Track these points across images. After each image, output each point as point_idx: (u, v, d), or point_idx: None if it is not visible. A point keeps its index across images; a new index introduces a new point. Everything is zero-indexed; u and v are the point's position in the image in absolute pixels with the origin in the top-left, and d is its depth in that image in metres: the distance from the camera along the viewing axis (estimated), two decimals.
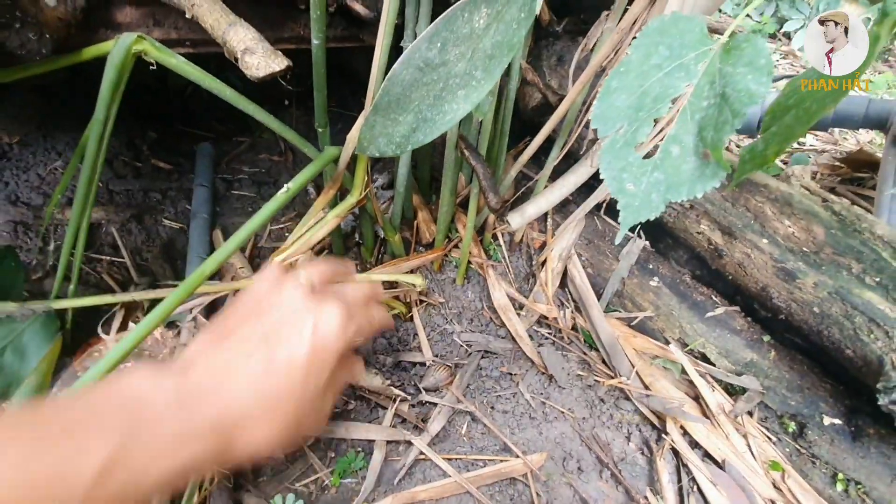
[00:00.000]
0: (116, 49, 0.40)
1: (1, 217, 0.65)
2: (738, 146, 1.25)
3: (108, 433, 0.22)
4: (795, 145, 1.39)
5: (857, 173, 1.22)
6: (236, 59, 0.37)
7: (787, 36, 2.33)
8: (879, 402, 0.49)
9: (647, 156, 0.29)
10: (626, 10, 0.49)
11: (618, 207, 0.30)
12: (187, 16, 0.41)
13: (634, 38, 0.36)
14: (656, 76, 0.29)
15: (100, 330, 0.49)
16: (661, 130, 0.29)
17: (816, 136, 1.48)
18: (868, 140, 1.42)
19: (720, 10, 2.13)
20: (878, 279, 0.54)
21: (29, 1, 0.39)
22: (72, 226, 0.48)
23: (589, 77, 0.51)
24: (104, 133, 0.43)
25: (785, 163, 1.28)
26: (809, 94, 0.32)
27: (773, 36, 2.37)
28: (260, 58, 0.34)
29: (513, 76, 0.57)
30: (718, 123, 0.27)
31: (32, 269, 0.60)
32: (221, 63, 0.51)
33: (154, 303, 0.58)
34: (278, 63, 0.34)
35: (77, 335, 0.54)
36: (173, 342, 0.49)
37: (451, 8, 0.36)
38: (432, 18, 0.51)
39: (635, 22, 0.45)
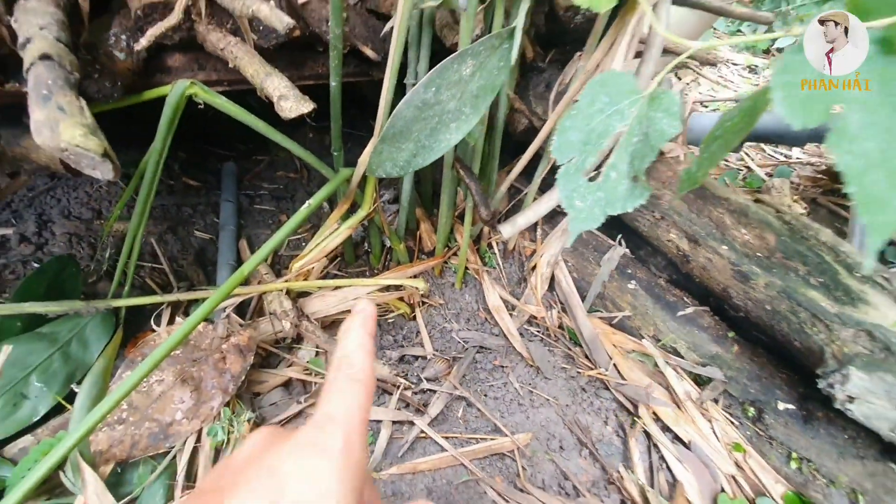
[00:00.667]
0: (173, 92, 0.50)
1: (58, 229, 0.75)
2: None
3: None
4: (782, 158, 1.46)
5: (836, 184, 1.30)
6: (271, 102, 0.46)
7: (780, 51, 2.41)
8: (819, 386, 0.57)
9: (592, 179, 0.38)
10: (599, 42, 0.58)
11: (569, 219, 0.38)
12: (230, 65, 0.51)
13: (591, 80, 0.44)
14: (599, 118, 0.38)
15: (153, 323, 0.58)
16: (603, 160, 0.37)
17: (803, 150, 1.55)
18: None
19: (714, 28, 2.22)
20: (821, 280, 0.61)
21: (105, 56, 0.49)
22: (129, 237, 0.57)
23: (565, 106, 0.60)
24: (160, 159, 0.53)
25: (770, 175, 1.36)
26: (729, 128, 0.41)
27: (766, 51, 2.45)
28: (292, 102, 0.43)
29: (501, 106, 0.66)
30: (643, 155, 0.36)
31: (87, 274, 0.70)
32: (243, 93, 0.60)
33: (192, 302, 0.67)
34: (306, 106, 0.43)
35: (127, 330, 0.63)
36: (212, 334, 0.58)
37: (444, 61, 0.45)
38: (430, 60, 0.60)
39: (597, 66, 0.54)
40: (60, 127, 0.27)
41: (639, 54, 0.55)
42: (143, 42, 0.48)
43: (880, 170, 0.28)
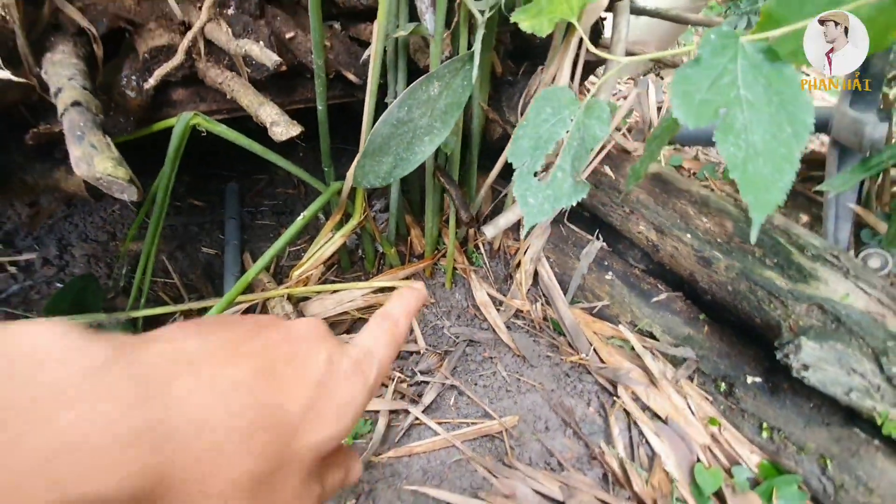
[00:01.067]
0: (179, 123, 0.56)
1: (77, 252, 0.82)
2: (704, 154, 1.39)
3: None
4: None
5: (812, 172, 1.35)
6: (265, 127, 0.52)
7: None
8: (777, 357, 0.62)
9: (542, 179, 0.44)
10: (554, 58, 0.64)
11: (524, 214, 0.44)
12: (228, 97, 0.57)
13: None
14: (545, 126, 0.44)
15: None
16: (549, 163, 0.43)
17: None
18: (822, 142, 1.54)
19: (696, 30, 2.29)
20: (775, 260, 0.67)
21: (119, 95, 0.55)
22: (143, 255, 0.64)
23: None
24: (169, 184, 0.59)
25: None
26: (664, 130, 0.47)
27: None
28: (282, 127, 0.49)
29: (475, 118, 0.72)
30: (581, 157, 0.41)
31: (105, 290, 0.76)
32: (241, 119, 0.67)
33: (202, 310, 0.73)
34: (294, 130, 0.49)
35: None
36: None
37: (414, 83, 0.52)
38: (407, 80, 0.67)
39: (553, 79, 0.60)
40: (95, 161, 0.33)
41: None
42: (152, 81, 0.55)
43: (765, 157, 0.34)
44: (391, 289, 0.82)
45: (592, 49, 0.43)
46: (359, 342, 0.23)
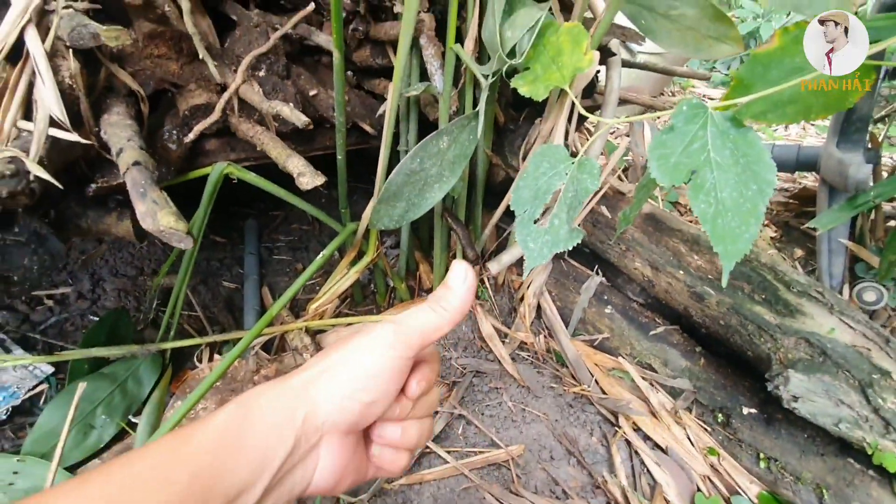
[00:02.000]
0: (214, 172, 0.63)
1: (108, 286, 0.87)
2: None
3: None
4: None
5: (805, 208, 1.39)
6: (292, 176, 0.58)
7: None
8: (769, 389, 0.65)
9: (541, 226, 0.49)
10: (552, 114, 0.71)
11: (525, 257, 0.49)
12: (258, 148, 0.64)
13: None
14: (543, 179, 0.49)
15: (196, 361, 0.68)
16: (546, 210, 0.49)
17: (777, 175, 1.66)
18: (815, 178, 1.59)
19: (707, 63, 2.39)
20: (763, 296, 0.71)
21: (162, 148, 0.62)
22: (175, 290, 0.69)
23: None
24: (202, 225, 0.65)
25: None
26: (649, 181, 0.52)
27: None
28: (309, 178, 0.55)
29: (480, 163, 0.78)
30: (575, 207, 0.47)
31: (135, 322, 0.81)
32: (266, 165, 0.73)
33: (224, 343, 0.78)
34: (319, 180, 0.55)
35: (172, 369, 0.74)
36: (245, 368, 0.69)
37: (426, 138, 0.58)
38: (418, 131, 0.73)
39: (550, 132, 0.66)
40: (159, 216, 0.39)
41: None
42: (192, 136, 0.61)
43: (733, 212, 0.38)
44: None
45: (583, 112, 0.49)
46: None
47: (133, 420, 0.65)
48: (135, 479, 0.22)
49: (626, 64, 0.91)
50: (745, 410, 0.73)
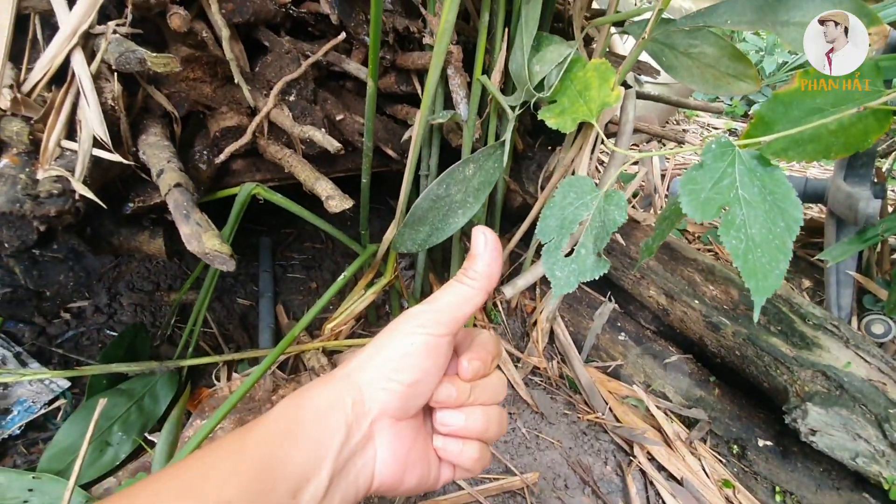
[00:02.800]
0: (241, 192, 0.64)
1: (125, 300, 0.88)
2: None
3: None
4: None
5: (812, 239, 1.41)
6: (321, 199, 0.59)
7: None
8: (786, 421, 0.65)
9: (567, 255, 0.50)
10: (572, 145, 0.72)
11: (552, 286, 0.50)
12: (286, 170, 0.65)
13: (564, 179, 0.58)
14: (570, 209, 0.51)
15: (214, 379, 0.68)
16: (575, 241, 0.50)
17: None
18: (820, 209, 1.61)
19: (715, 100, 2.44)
20: (779, 328, 0.71)
21: (193, 168, 0.63)
22: (196, 307, 0.70)
23: (549, 191, 0.74)
24: (229, 243, 0.66)
25: None
26: (672, 212, 0.53)
27: (744, 116, 2.66)
28: (337, 201, 0.56)
29: (499, 189, 0.80)
30: (602, 237, 0.48)
31: (151, 338, 0.81)
32: (288, 186, 0.74)
33: (239, 361, 0.78)
34: (347, 203, 0.56)
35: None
36: (263, 387, 0.69)
37: (452, 165, 0.59)
38: (440, 156, 0.75)
39: (572, 161, 0.68)
40: (203, 238, 0.40)
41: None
42: (222, 157, 0.63)
43: (762, 248, 0.40)
44: None
45: (609, 145, 0.50)
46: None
47: (149, 437, 0.65)
48: (207, 470, 0.24)
49: (640, 95, 0.93)
50: (761, 442, 0.73)
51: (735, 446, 0.74)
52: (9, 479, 0.57)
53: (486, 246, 0.31)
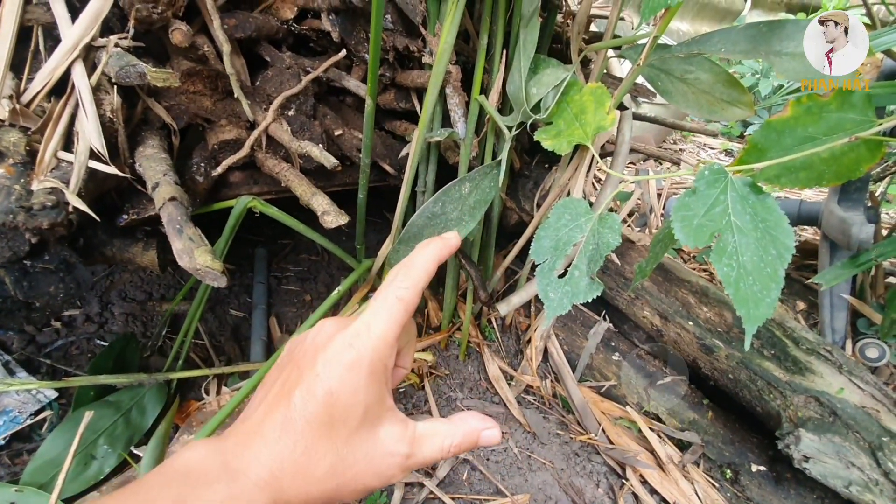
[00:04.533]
0: (238, 205, 0.64)
1: (117, 310, 0.87)
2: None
3: None
4: None
5: (806, 261, 1.42)
6: (316, 214, 0.59)
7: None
8: (779, 447, 0.65)
9: (561, 276, 0.50)
10: (568, 165, 0.73)
11: (545, 307, 0.50)
12: (282, 184, 0.65)
13: (559, 199, 0.58)
14: (564, 230, 0.51)
15: (203, 393, 0.68)
16: (569, 263, 0.50)
17: None
18: (815, 230, 1.62)
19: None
20: (772, 352, 0.71)
21: (190, 180, 0.64)
22: (188, 318, 0.69)
23: (546, 210, 0.74)
24: (222, 256, 0.66)
25: None
26: (665, 236, 0.54)
27: (740, 136, 2.68)
28: (333, 216, 0.56)
29: (494, 207, 0.80)
30: (596, 260, 0.48)
31: (141, 349, 0.81)
32: (285, 199, 0.75)
33: (233, 376, 0.77)
34: (343, 219, 0.56)
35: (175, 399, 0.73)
36: None
37: (449, 184, 0.59)
38: (436, 173, 0.75)
39: (567, 182, 0.68)
40: (195, 254, 0.39)
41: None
42: (219, 169, 0.63)
43: (754, 276, 0.40)
44: None
45: (605, 168, 0.50)
46: (361, 317, 0.29)
47: (135, 451, 0.64)
48: None
49: (637, 117, 0.94)
50: (754, 468, 0.72)
51: (728, 471, 0.73)
52: None
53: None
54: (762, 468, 0.72)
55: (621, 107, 0.84)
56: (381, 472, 0.27)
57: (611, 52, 0.79)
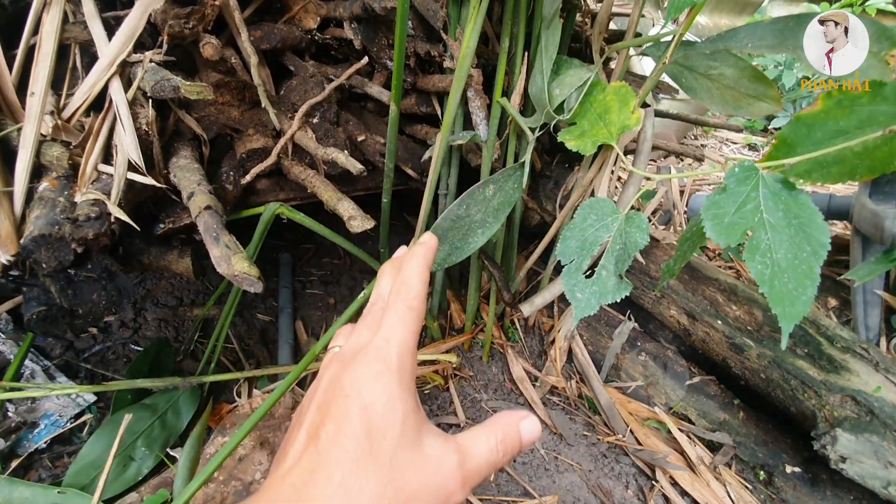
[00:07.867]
0: (266, 212, 0.65)
1: (150, 315, 0.90)
2: None
3: None
4: None
5: (837, 256, 1.38)
6: (343, 219, 0.60)
7: (777, 129, 2.58)
8: (815, 448, 0.63)
9: (588, 276, 0.50)
10: (591, 165, 0.73)
11: (573, 308, 0.50)
12: (308, 190, 0.67)
13: (584, 200, 0.58)
14: (591, 230, 0.51)
15: (235, 396, 0.69)
16: (595, 262, 0.50)
17: None
18: (845, 225, 1.58)
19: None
20: (806, 350, 0.70)
21: (220, 188, 0.65)
22: (220, 323, 0.71)
23: (568, 210, 0.74)
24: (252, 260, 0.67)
25: None
26: (694, 234, 0.53)
27: (764, 130, 2.62)
28: (359, 221, 0.57)
29: (517, 208, 0.80)
30: (623, 260, 0.48)
31: (175, 353, 0.83)
32: (309, 204, 0.76)
33: (261, 377, 0.78)
34: (369, 224, 0.57)
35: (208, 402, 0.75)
36: (282, 404, 0.69)
37: (473, 186, 0.60)
38: (458, 175, 0.76)
39: (591, 181, 0.68)
40: (233, 261, 0.41)
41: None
42: (248, 177, 0.65)
43: (789, 274, 0.39)
44: (433, 361, 0.87)
45: (629, 167, 0.50)
46: (379, 334, 0.28)
47: (171, 453, 0.66)
48: None
49: (659, 114, 0.93)
50: (789, 469, 0.70)
51: (762, 472, 0.72)
52: (34, 493, 0.58)
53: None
54: (797, 469, 0.70)
55: (643, 104, 0.83)
56: (438, 488, 0.24)
57: (632, 51, 0.78)
